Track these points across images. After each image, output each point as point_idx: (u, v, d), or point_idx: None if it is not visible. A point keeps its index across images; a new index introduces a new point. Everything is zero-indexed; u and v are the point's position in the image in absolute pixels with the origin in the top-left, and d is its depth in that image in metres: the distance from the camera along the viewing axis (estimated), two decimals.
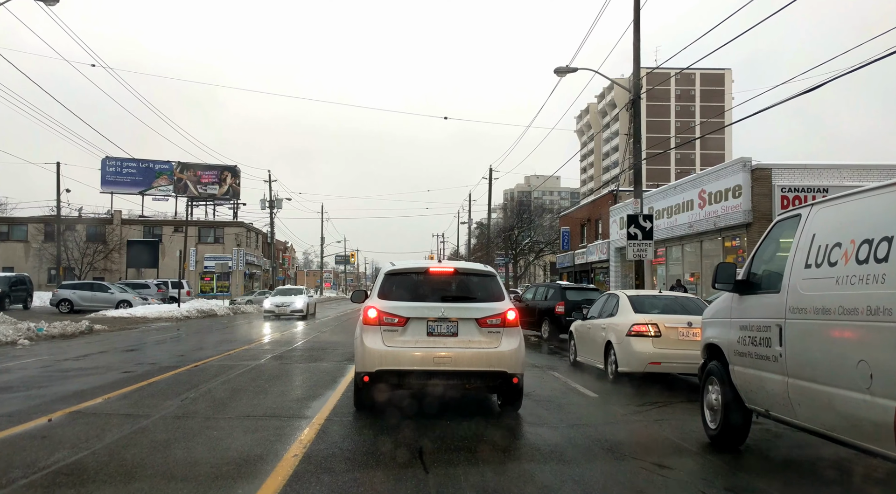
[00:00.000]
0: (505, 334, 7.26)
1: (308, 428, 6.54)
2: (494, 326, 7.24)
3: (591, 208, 40.28)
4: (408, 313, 7.22)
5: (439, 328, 7.17)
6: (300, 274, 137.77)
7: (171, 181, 60.46)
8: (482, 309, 7.31)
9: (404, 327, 7.18)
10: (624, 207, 33.62)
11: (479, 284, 7.73)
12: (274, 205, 58.96)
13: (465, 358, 7.09)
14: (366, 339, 7.27)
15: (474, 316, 7.23)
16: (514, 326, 7.36)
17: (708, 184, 24.52)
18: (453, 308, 7.27)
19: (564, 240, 44.88)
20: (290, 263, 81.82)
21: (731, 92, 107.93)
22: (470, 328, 7.19)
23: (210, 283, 58.82)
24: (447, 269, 7.93)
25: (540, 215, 66.88)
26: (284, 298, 30.06)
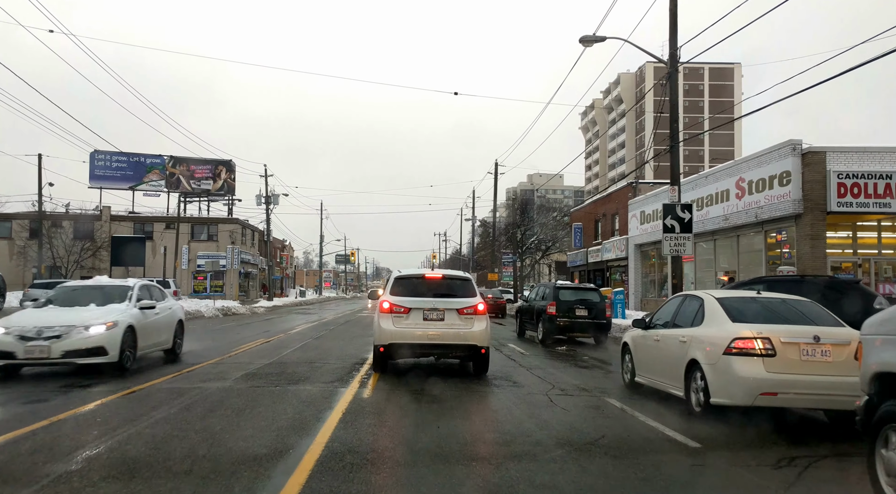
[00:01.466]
0: (476, 319, 10.49)
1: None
2: (469, 314, 10.47)
3: (607, 202, 37.73)
4: (410, 305, 10.47)
5: (431, 315, 10.41)
6: (300, 273, 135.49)
7: (163, 176, 57.93)
8: (461, 302, 10.58)
9: (407, 314, 10.42)
10: (646, 200, 31.09)
11: (459, 286, 11.14)
12: (270, 201, 56.47)
13: (449, 335, 10.39)
14: (381, 322, 10.49)
15: (455, 307, 10.47)
16: (482, 314, 10.60)
17: (748, 172, 21.95)
18: (441, 301, 10.53)
19: (576, 237, 42.33)
20: (288, 262, 79.29)
21: (741, 87, 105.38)
22: (452, 315, 10.42)
23: (203, 283, 56.14)
24: (437, 275, 11.42)
25: (546, 213, 64.31)
26: (54, 314, 10.71)
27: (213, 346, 15.22)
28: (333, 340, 16.97)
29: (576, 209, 46.64)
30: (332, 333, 19.86)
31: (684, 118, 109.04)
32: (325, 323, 26.29)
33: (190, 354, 13.20)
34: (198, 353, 13.39)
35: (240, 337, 18.24)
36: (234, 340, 17.05)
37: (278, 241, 76.61)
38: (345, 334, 19.42)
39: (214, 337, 18.47)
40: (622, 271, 35.34)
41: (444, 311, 10.45)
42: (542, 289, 19.66)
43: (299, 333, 19.40)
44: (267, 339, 17.04)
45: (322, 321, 27.85)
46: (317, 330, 20.82)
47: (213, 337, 18.38)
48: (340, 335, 19.16)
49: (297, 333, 19.43)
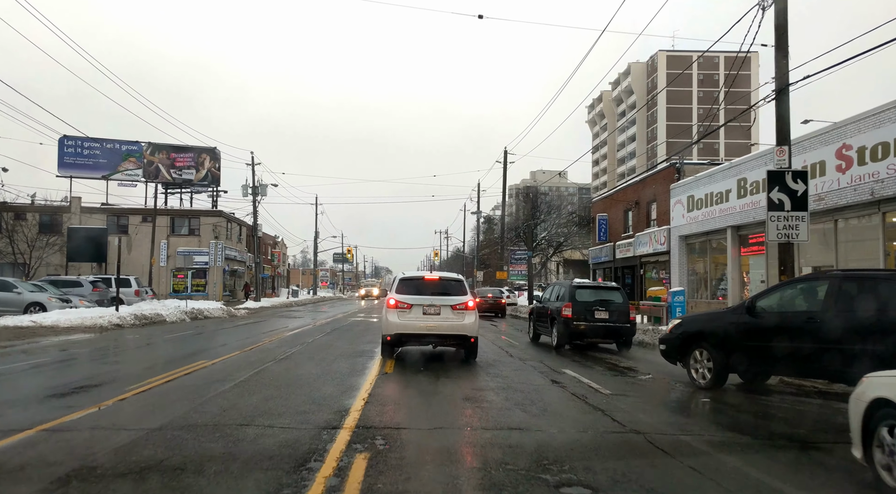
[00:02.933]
0: (466, 314, 12.48)
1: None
2: (461, 310, 12.46)
3: (641, 188, 32.62)
4: (412, 302, 12.48)
5: (430, 310, 12.42)
6: (295, 272, 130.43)
7: (141, 164, 52.78)
8: (454, 300, 12.58)
9: (410, 309, 12.42)
10: (695, 183, 25.98)
11: (453, 286, 13.15)
12: (258, 192, 51.31)
13: (444, 327, 12.39)
14: (388, 316, 12.48)
15: (449, 304, 12.48)
16: (472, 310, 12.56)
17: (853, 137, 16.83)
18: (438, 299, 12.54)
19: (601, 230, 37.23)
20: (280, 259, 74.07)
21: (759, 76, 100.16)
22: (447, 311, 12.41)
23: (184, 281, 50.97)
24: (435, 277, 13.82)
25: (557, 208, 59.22)
26: None
27: (108, 376, 10.07)
28: (306, 363, 11.80)
29: (599, 198, 41.47)
30: (310, 348, 14.71)
31: (699, 109, 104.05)
32: (308, 330, 21.17)
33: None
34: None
35: (166, 358, 13.08)
36: (151, 365, 11.89)
37: (269, 237, 71.45)
38: (327, 350, 14.32)
39: (122, 360, 13.42)
40: (660, 267, 30.26)
41: (441, 307, 12.31)
42: (557, 289, 17.67)
43: (263, 350, 13.99)
44: (207, 362, 11.66)
45: (305, 328, 22.75)
46: (291, 344, 15.66)
47: (119, 360, 13.31)
48: (320, 351, 14.08)
49: (261, 350, 14.05)
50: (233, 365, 11.26)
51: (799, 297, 9.62)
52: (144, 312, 25.01)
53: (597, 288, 17.10)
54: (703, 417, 8.28)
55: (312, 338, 17.44)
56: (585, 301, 15.76)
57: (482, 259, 77.86)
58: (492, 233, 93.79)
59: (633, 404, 8.43)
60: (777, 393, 9.87)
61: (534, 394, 8.91)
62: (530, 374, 11.13)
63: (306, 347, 14.86)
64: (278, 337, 17.72)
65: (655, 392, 10.03)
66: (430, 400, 8.47)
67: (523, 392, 9.07)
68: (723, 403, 8.94)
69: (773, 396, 9.59)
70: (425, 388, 9.32)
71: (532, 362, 13.18)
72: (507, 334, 21.95)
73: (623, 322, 15.78)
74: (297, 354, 13.34)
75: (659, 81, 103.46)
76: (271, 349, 14.29)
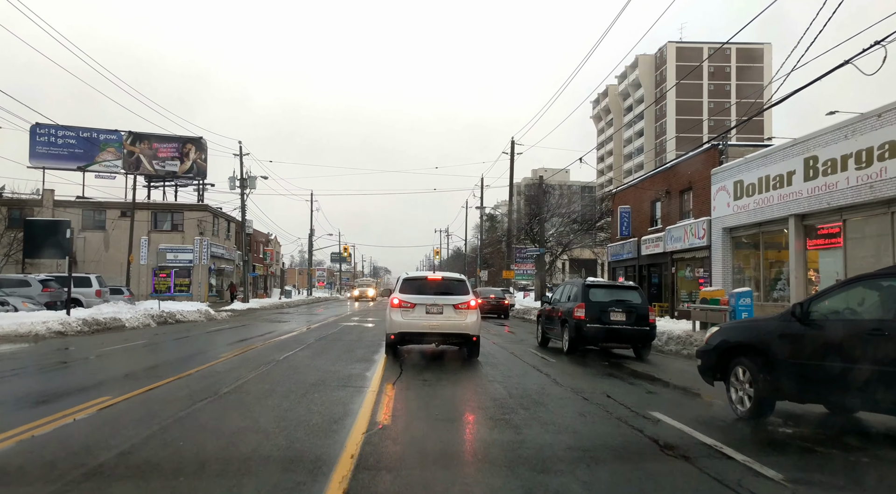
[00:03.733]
0: (469, 313, 12.67)
1: None
2: (463, 309, 12.63)
3: (672, 176, 28.89)
4: (415, 301, 12.69)
5: (433, 309, 12.60)
6: (291, 272, 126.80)
7: (120, 155, 49.03)
8: (456, 299, 12.77)
9: (413, 309, 12.60)
10: (746, 165, 22.26)
11: (455, 286, 13.31)
12: (246, 184, 47.57)
13: (446, 326, 12.59)
14: (392, 315, 12.68)
15: (452, 303, 12.67)
16: (474, 309, 12.76)
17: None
18: (441, 299, 12.73)
19: (622, 224, 33.48)
20: (272, 257, 70.15)
21: (772, 68, 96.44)
22: (450, 310, 12.60)
23: (166, 281, 47.21)
24: (438, 277, 13.94)
25: (566, 204, 55.56)
26: None
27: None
28: (259, 403, 7.46)
29: (620, 189, 37.67)
30: (278, 371, 10.72)
31: (709, 102, 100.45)
32: (287, 341, 17.36)
33: None
34: None
35: (49, 389, 9.09)
36: (15, 401, 8.09)
37: (261, 235, 67.68)
38: (299, 374, 10.26)
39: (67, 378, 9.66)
40: (696, 265, 26.53)
41: (443, 306, 12.62)
42: (569, 288, 16.43)
43: (207, 376, 9.83)
44: (107, 400, 7.73)
45: (285, 336, 19.01)
46: (254, 363, 11.61)
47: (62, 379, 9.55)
48: (290, 376, 10.13)
49: (205, 375, 9.83)
50: (135, 412, 7.21)
51: (877, 299, 6.87)
52: (99, 316, 21.28)
53: (612, 287, 15.87)
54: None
55: (288, 352, 13.61)
56: (600, 301, 14.61)
57: (484, 258, 74.14)
58: (494, 231, 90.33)
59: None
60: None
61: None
62: (566, 403, 7.50)
63: (273, 368, 11.01)
64: (244, 352, 13.90)
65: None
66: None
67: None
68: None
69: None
70: (447, 462, 5.55)
71: (543, 369, 9.56)
72: (512, 338, 20.23)
73: (642, 325, 14.48)
74: (252, 383, 9.53)
75: (668, 74, 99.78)
76: (222, 372, 10.37)
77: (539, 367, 12.44)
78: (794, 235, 19.50)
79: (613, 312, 14.41)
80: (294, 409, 7.30)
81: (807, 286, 19.17)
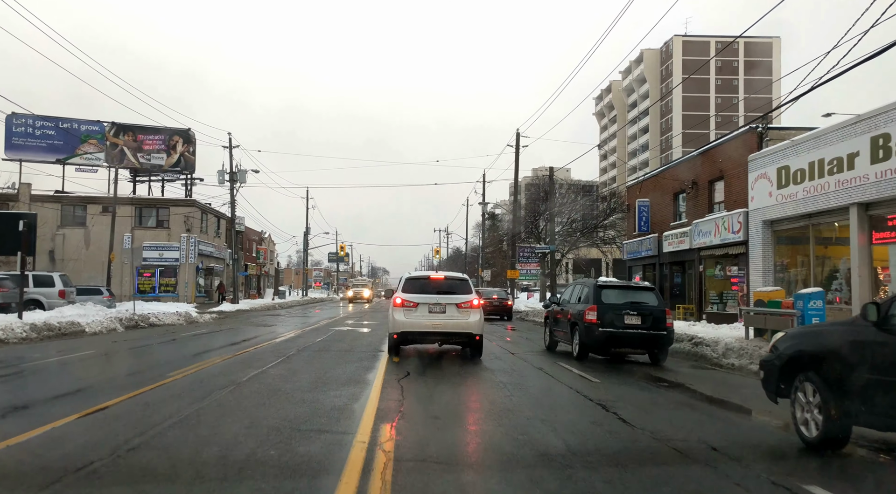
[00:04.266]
0: (472, 312, 12.72)
1: None
2: (466, 308, 12.69)
3: (700, 165, 26.21)
4: (418, 300, 12.73)
5: (435, 309, 12.68)
6: (288, 272, 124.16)
7: (102, 147, 46.27)
8: (459, 298, 12.80)
9: (416, 308, 12.68)
10: (793, 149, 19.60)
11: (458, 285, 13.36)
12: (235, 178, 44.88)
13: (449, 325, 12.63)
14: (395, 315, 12.72)
15: (455, 302, 12.71)
16: (477, 308, 12.84)
17: None
18: (443, 298, 12.78)
19: (641, 219, 30.80)
20: (266, 257, 67.30)
21: (781, 63, 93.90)
22: (452, 309, 12.66)
23: (150, 281, 44.73)
24: (440, 277, 14.08)
25: (573, 201, 53.00)
26: None
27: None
28: (171, 479, 4.84)
29: (636, 181, 34.92)
30: (236, 399, 7.85)
31: (716, 98, 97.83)
32: (267, 350, 14.64)
33: None
34: None
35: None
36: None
37: (255, 233, 64.95)
38: (266, 407, 7.15)
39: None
40: (730, 262, 23.85)
41: (446, 305, 12.62)
42: (579, 289, 15.53)
43: (134, 411, 7.11)
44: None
45: (266, 343, 16.32)
46: (209, 386, 8.85)
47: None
48: (255, 408, 7.19)
49: (129, 410, 7.12)
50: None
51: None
52: (55, 321, 18.57)
53: (626, 288, 14.85)
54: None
55: (257, 370, 10.78)
56: (613, 303, 13.75)
57: (486, 257, 71.60)
58: (496, 230, 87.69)
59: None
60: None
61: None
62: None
63: (225, 399, 8.11)
64: (202, 367, 11.11)
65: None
66: None
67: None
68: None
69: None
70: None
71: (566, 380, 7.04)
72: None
73: (658, 328, 13.58)
74: (203, 413, 6.85)
75: (674, 69, 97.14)
76: (142, 409, 7.25)
77: (570, 384, 9.79)
78: (857, 227, 16.82)
79: (628, 315, 13.51)
80: (240, 473, 4.61)
81: (873, 285, 16.50)
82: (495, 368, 11.85)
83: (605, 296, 13.92)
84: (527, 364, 13.04)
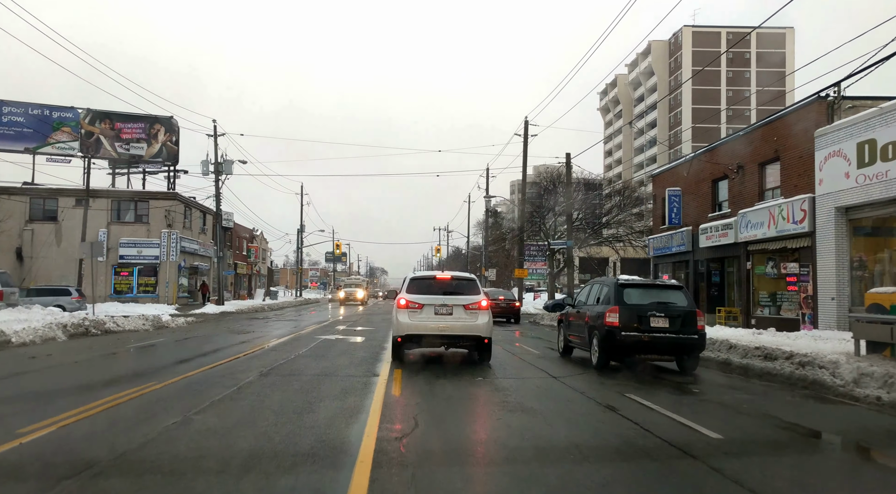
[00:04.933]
0: (480, 314, 12.21)
1: None
2: (474, 309, 12.16)
3: (748, 145, 22.67)
4: (424, 301, 12.22)
5: (442, 310, 12.13)
6: (284, 272, 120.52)
7: (77, 135, 42.65)
8: (467, 299, 12.28)
9: (421, 309, 12.16)
10: (880, 119, 16.07)
11: (465, 285, 12.88)
12: (221, 169, 41.33)
13: (456, 327, 12.10)
14: (399, 317, 12.27)
15: (462, 303, 12.18)
16: (485, 309, 12.30)
17: None
18: (450, 299, 12.26)
19: (671, 211, 27.27)
20: (257, 255, 63.60)
21: (795, 54, 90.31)
22: (460, 310, 12.12)
23: (128, 280, 41.13)
24: (447, 276, 13.48)
25: (584, 193, 49.58)
26: None
27: None
28: None
29: (663, 169, 31.26)
30: (161, 461, 4.73)
31: (727, 91, 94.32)
32: (217, 373, 10.91)
33: None
34: None
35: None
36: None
37: (245, 230, 61.33)
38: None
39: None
40: (788, 258, 20.32)
41: (453, 307, 12.06)
42: (597, 289, 13.96)
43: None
44: None
45: (228, 360, 12.75)
46: (119, 429, 5.63)
47: None
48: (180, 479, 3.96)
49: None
50: None
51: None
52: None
53: (650, 287, 13.43)
54: None
55: (176, 418, 7.04)
56: (637, 304, 12.46)
57: (488, 256, 68.17)
58: (498, 227, 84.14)
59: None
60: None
61: None
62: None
63: (142, 447, 4.70)
64: (100, 410, 7.51)
65: None
66: None
67: None
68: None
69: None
70: None
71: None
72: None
73: (688, 332, 12.27)
74: None
75: (684, 60, 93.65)
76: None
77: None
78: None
79: (654, 317, 12.24)
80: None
81: None
82: (539, 409, 8.34)
83: (628, 296, 12.62)
84: (575, 393, 9.53)
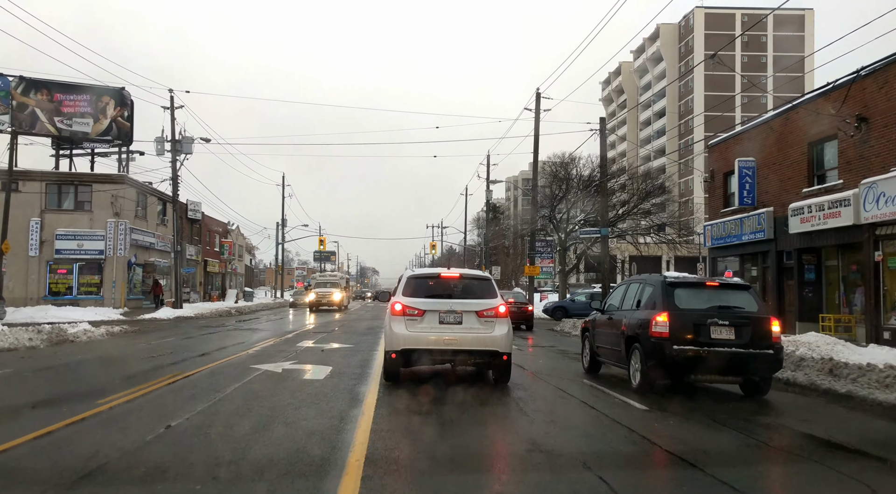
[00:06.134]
0: (497, 323, 9.55)
1: None
2: (490, 317, 9.52)
3: (869, 92, 16.36)
4: (424, 306, 9.55)
5: (448, 318, 9.47)
6: (270, 272, 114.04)
7: (8, 109, 36.03)
8: (480, 304, 9.63)
9: (422, 317, 9.49)
10: None
11: (478, 286, 10.11)
12: (178, 148, 34.88)
13: (467, 340, 9.42)
14: (393, 326, 9.55)
15: (474, 309, 9.53)
16: (504, 317, 9.66)
17: None
18: (458, 303, 9.61)
19: (743, 189, 21.02)
20: (231, 251, 56.94)
21: (815, 37, 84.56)
22: (471, 318, 9.49)
23: (66, 279, 34.58)
24: (454, 274, 10.30)
25: (588, 186, 43.65)
26: None
27: None
28: None
29: (725, 138, 24.78)
30: None
31: (742, 78, 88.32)
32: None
33: None
34: None
35: None
36: None
37: (218, 223, 54.70)
38: None
39: None
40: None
41: (462, 314, 9.54)
42: (636, 289, 10.99)
43: None
44: None
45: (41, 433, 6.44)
46: None
47: None
48: None
49: None
50: None
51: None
52: None
53: (706, 287, 10.13)
54: None
55: None
56: (692, 309, 9.46)
57: (488, 253, 62.28)
58: (497, 223, 78.32)
59: None
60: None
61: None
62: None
63: None
64: None
65: None
66: None
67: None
68: None
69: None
70: None
71: None
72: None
73: (761, 345, 9.19)
74: None
75: (696, 44, 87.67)
76: None
77: None
78: None
79: (715, 326, 9.22)
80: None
81: None
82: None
83: (679, 299, 9.75)
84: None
